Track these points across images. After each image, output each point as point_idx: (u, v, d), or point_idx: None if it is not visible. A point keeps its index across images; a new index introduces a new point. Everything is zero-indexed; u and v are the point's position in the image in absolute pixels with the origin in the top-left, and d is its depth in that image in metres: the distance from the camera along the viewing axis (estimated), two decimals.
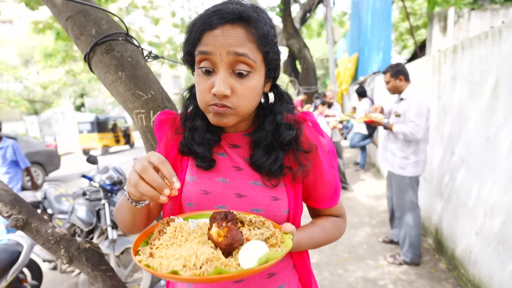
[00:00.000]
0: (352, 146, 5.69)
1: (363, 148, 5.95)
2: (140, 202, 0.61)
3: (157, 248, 0.52)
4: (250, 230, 0.58)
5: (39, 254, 2.84)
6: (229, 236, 0.50)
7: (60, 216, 2.98)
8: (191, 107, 0.74)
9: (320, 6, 9.68)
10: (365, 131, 5.42)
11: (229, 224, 0.53)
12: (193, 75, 0.69)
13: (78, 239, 2.88)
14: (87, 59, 1.03)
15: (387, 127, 2.52)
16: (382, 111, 2.80)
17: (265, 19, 0.63)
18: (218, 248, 0.51)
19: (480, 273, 2.05)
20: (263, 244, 0.51)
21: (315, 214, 0.82)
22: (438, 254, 2.79)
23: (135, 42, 1.08)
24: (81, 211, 2.80)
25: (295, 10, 9.89)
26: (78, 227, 2.90)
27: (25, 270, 2.47)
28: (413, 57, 9.32)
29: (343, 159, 4.95)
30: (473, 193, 2.16)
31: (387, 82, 2.53)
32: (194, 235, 0.55)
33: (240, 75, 0.60)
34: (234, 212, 0.59)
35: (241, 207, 0.68)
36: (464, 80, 2.26)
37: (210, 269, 0.45)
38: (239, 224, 0.59)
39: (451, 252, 2.54)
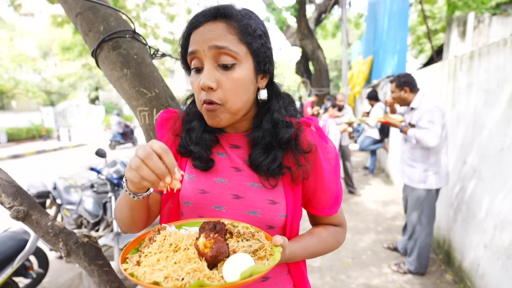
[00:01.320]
0: (362, 149, 5.60)
1: (373, 153, 5.86)
2: (139, 194, 0.60)
3: (145, 256, 0.52)
4: (238, 241, 0.57)
5: (46, 243, 2.91)
6: (214, 248, 0.50)
7: (69, 206, 3.04)
8: (190, 111, 0.75)
9: (336, 7, 9.58)
10: (376, 136, 5.33)
11: (216, 235, 0.53)
12: None
13: (84, 230, 2.94)
14: (95, 55, 1.04)
15: (403, 131, 2.40)
16: (393, 103, 2.69)
17: (249, 16, 0.64)
18: (203, 259, 0.50)
19: (487, 287, 1.99)
20: (249, 257, 0.51)
21: (315, 221, 0.80)
22: (445, 265, 2.72)
23: (142, 40, 1.09)
24: (88, 203, 2.85)
25: (310, 11, 9.80)
26: (85, 219, 2.96)
27: (32, 258, 2.54)
28: (430, 61, 9.12)
29: (351, 163, 4.88)
30: (484, 205, 2.09)
31: (392, 92, 2.45)
32: (184, 243, 0.54)
33: (225, 68, 0.61)
34: (226, 222, 0.59)
35: (237, 209, 0.68)
36: (480, 88, 2.19)
37: (192, 281, 0.45)
38: (228, 235, 0.58)
39: (458, 264, 2.47)
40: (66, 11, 1.09)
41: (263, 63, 0.66)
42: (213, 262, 0.50)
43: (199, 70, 0.63)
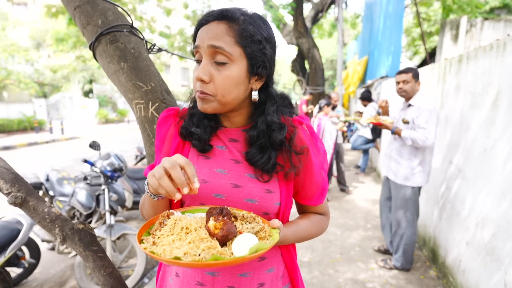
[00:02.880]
0: (354, 148, 5.70)
1: (365, 152, 5.95)
2: (158, 196, 0.67)
3: (158, 238, 0.57)
4: (242, 224, 0.64)
5: (38, 234, 2.92)
6: (225, 229, 0.56)
7: (61, 198, 3.05)
8: (193, 101, 0.81)
9: (333, 6, 9.61)
10: (369, 135, 5.42)
11: (225, 218, 0.59)
12: None
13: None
14: (92, 48, 1.06)
15: (395, 132, 2.44)
16: (387, 107, 2.73)
17: (252, 21, 0.68)
18: (214, 238, 0.56)
19: (468, 283, 2.07)
20: (254, 236, 0.57)
21: (302, 210, 0.87)
22: (429, 261, 2.81)
23: (139, 35, 1.12)
24: (81, 195, 2.86)
25: (307, 9, 9.81)
26: (78, 210, 2.98)
27: (24, 248, 2.55)
28: (423, 63, 9.24)
29: (344, 162, 4.96)
30: (467, 203, 2.17)
31: (407, 82, 2.41)
32: (194, 226, 0.60)
33: (219, 64, 0.67)
34: (228, 208, 0.64)
35: (236, 197, 0.73)
36: (467, 90, 2.26)
37: (208, 256, 0.51)
38: (233, 219, 0.64)
39: (442, 260, 2.55)
40: (64, 4, 1.11)
41: (257, 66, 0.70)
42: (223, 241, 0.57)
43: (199, 62, 0.70)
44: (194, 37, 0.72)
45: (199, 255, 0.52)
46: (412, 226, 2.54)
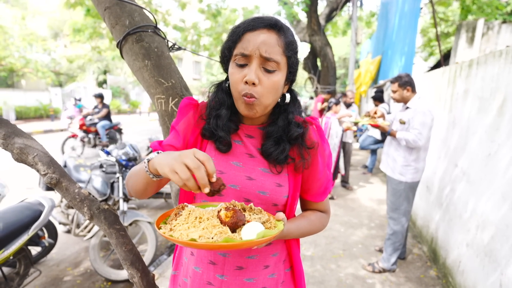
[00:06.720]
0: (362, 148, 5.72)
1: (373, 152, 5.96)
2: (159, 176, 0.67)
3: (174, 226, 0.66)
4: (250, 215, 0.72)
5: (56, 217, 3.09)
6: (235, 216, 0.64)
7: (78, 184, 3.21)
8: (217, 99, 0.85)
9: (348, 4, 9.52)
10: (378, 136, 5.44)
11: (235, 207, 0.68)
12: (224, 70, 0.83)
13: None
14: (119, 46, 1.16)
15: (391, 133, 2.59)
16: (383, 117, 2.87)
17: (291, 32, 0.78)
18: (225, 225, 0.65)
19: (466, 283, 2.13)
20: (261, 225, 0.65)
21: (304, 205, 0.95)
22: (430, 261, 2.86)
23: (162, 35, 1.21)
24: (97, 181, 3.01)
25: (322, 6, 9.75)
26: (93, 196, 3.13)
27: (43, 229, 2.72)
28: (438, 65, 9.10)
29: (350, 160, 5.03)
30: (469, 206, 2.22)
31: (394, 91, 2.59)
32: (206, 216, 0.68)
33: (267, 71, 0.74)
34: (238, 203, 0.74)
35: (250, 188, 0.81)
36: (475, 95, 2.29)
37: (220, 239, 0.59)
38: (241, 210, 0.73)
39: (442, 261, 2.61)
40: (95, 4, 1.21)
41: (292, 73, 0.80)
42: (233, 228, 0.65)
43: (242, 66, 0.74)
44: (236, 39, 0.74)
45: (212, 238, 0.59)
46: (405, 221, 2.64)
